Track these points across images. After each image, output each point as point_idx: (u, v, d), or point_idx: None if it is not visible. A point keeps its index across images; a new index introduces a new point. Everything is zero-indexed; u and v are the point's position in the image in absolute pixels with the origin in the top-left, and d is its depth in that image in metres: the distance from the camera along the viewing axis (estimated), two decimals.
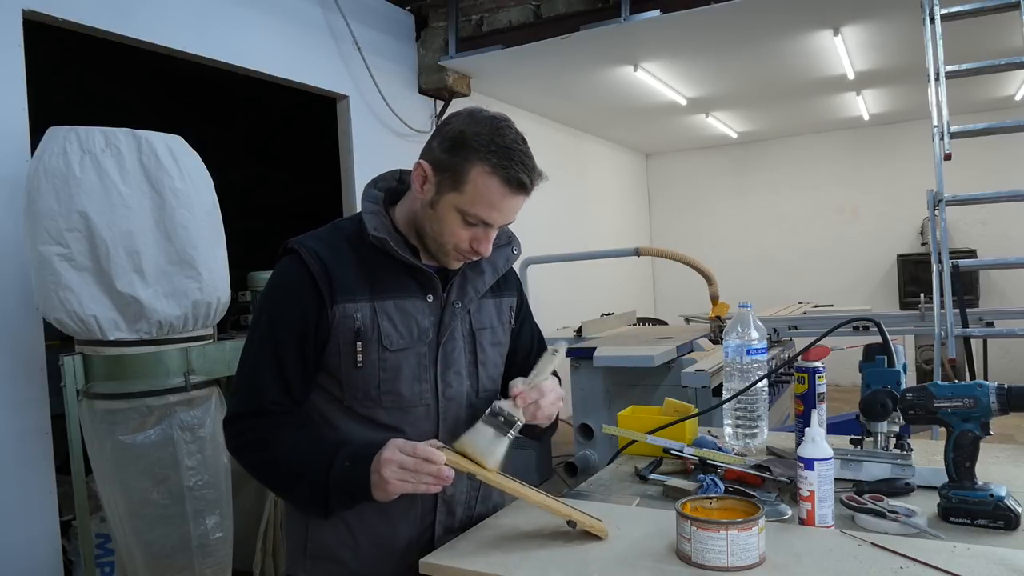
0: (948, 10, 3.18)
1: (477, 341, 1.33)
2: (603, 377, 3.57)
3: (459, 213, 1.20)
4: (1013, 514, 1.19)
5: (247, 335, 1.29)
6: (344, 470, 1.16)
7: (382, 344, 1.23)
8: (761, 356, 1.68)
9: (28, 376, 2.56)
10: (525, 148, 1.20)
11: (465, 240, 1.23)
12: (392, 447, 1.13)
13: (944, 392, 1.26)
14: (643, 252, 4.26)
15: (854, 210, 7.80)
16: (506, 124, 1.21)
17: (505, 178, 1.17)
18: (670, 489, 1.47)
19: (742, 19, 4.13)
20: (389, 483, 1.12)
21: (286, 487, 1.24)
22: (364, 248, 1.25)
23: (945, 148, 3.09)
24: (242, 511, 2.78)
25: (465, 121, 1.20)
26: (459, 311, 1.30)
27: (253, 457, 1.24)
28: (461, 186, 1.18)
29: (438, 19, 4.65)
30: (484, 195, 1.18)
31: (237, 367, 1.29)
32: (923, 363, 5.75)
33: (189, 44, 3.23)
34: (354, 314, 1.22)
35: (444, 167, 1.19)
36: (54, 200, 2.17)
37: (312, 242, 1.26)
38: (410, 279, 1.27)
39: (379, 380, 1.23)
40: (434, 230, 1.24)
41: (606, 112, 6.44)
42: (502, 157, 1.16)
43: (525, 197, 1.21)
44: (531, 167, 1.19)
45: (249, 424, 1.23)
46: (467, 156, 1.17)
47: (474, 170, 1.17)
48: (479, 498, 1.37)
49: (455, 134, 1.19)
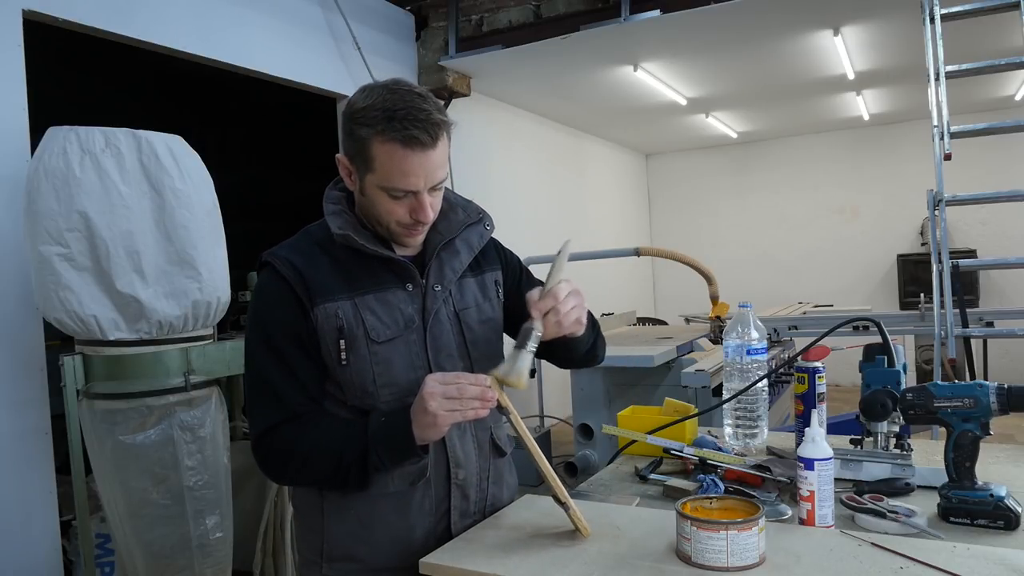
0: (948, 10, 3.18)
1: (463, 321, 1.33)
2: (603, 377, 3.57)
3: (382, 191, 1.20)
4: (1013, 514, 1.19)
5: (246, 355, 1.28)
6: (381, 425, 1.17)
7: (370, 338, 1.23)
8: (761, 356, 1.68)
9: (28, 376, 2.56)
10: (420, 103, 1.17)
11: (404, 214, 1.22)
12: (432, 380, 1.13)
13: (944, 392, 1.26)
14: (643, 252, 4.27)
15: (854, 210, 7.81)
16: (396, 85, 1.19)
17: (402, 140, 1.14)
18: (670, 489, 1.47)
19: (742, 19, 4.13)
20: (438, 416, 1.11)
21: (331, 471, 1.20)
22: (335, 249, 1.25)
23: (945, 148, 3.09)
24: (242, 511, 2.78)
25: (359, 98, 1.20)
26: (440, 294, 1.30)
27: (293, 460, 1.21)
28: (370, 163, 1.18)
29: (438, 19, 4.65)
30: (391, 164, 1.17)
31: (248, 388, 1.28)
32: (923, 363, 5.75)
33: (189, 44, 3.23)
34: (336, 313, 1.22)
35: (353, 152, 1.20)
36: (54, 200, 2.17)
37: (283, 251, 1.27)
38: (386, 271, 1.27)
39: (374, 374, 1.23)
40: (373, 214, 1.24)
41: (606, 112, 6.44)
42: (394, 121, 1.14)
43: (434, 152, 1.18)
44: (426, 120, 1.15)
45: (281, 432, 1.22)
46: (364, 134, 1.17)
47: (374, 144, 1.16)
48: (491, 479, 1.36)
49: (349, 117, 1.19)
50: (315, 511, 1.29)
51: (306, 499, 1.32)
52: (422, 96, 1.19)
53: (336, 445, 1.19)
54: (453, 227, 1.34)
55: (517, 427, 1.19)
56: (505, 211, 4.39)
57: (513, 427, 1.21)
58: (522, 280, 1.47)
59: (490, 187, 5.39)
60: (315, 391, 1.25)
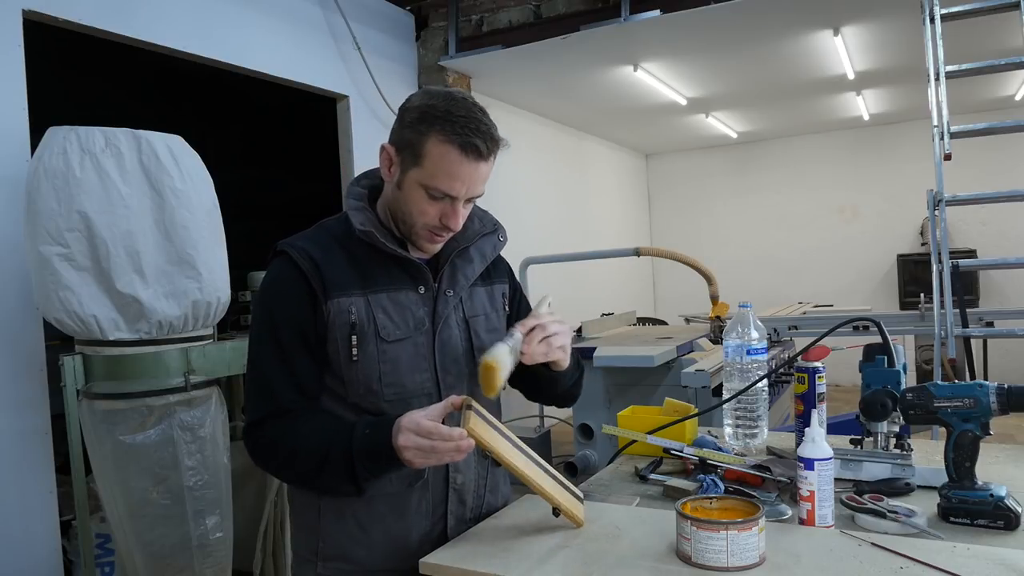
0: (948, 10, 3.18)
1: (472, 328, 1.34)
2: (603, 377, 3.57)
3: (422, 188, 1.21)
4: (1013, 514, 1.19)
5: (249, 342, 1.29)
6: (365, 437, 1.16)
7: (379, 336, 1.24)
8: (761, 356, 1.68)
9: (28, 376, 2.56)
10: (481, 116, 1.20)
11: (434, 216, 1.23)
12: (407, 431, 1.12)
13: (944, 392, 1.26)
14: (643, 252, 4.26)
15: (854, 210, 7.81)
16: (461, 95, 1.22)
17: (460, 144, 1.17)
18: (670, 489, 1.47)
19: (742, 19, 4.12)
20: (413, 462, 1.13)
21: (314, 472, 1.21)
22: (352, 244, 1.26)
23: (945, 148, 3.09)
24: (242, 511, 2.78)
25: (420, 97, 1.23)
26: (451, 299, 1.32)
27: (277, 456, 1.23)
28: (420, 159, 1.19)
29: (438, 19, 4.65)
30: (442, 165, 1.18)
31: (246, 376, 1.29)
32: (923, 363, 5.75)
33: (189, 44, 3.23)
34: (348, 308, 1.22)
35: (404, 144, 1.21)
36: (54, 200, 2.17)
37: (301, 242, 1.27)
38: (401, 271, 1.28)
39: (380, 372, 1.24)
40: (403, 211, 1.25)
41: (606, 112, 6.44)
42: (456, 125, 1.17)
43: (484, 164, 1.21)
44: (487, 133, 1.19)
45: (268, 426, 1.23)
46: (423, 129, 1.18)
47: (430, 141, 1.18)
48: (487, 487, 1.37)
49: (411, 110, 1.21)
50: (312, 510, 1.30)
51: (304, 498, 1.32)
52: (483, 110, 1.22)
53: (322, 446, 1.19)
54: (468, 235, 1.35)
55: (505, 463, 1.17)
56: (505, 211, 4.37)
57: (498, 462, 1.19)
58: (520, 306, 1.49)
59: (490, 187, 5.34)
60: (311, 389, 1.26)
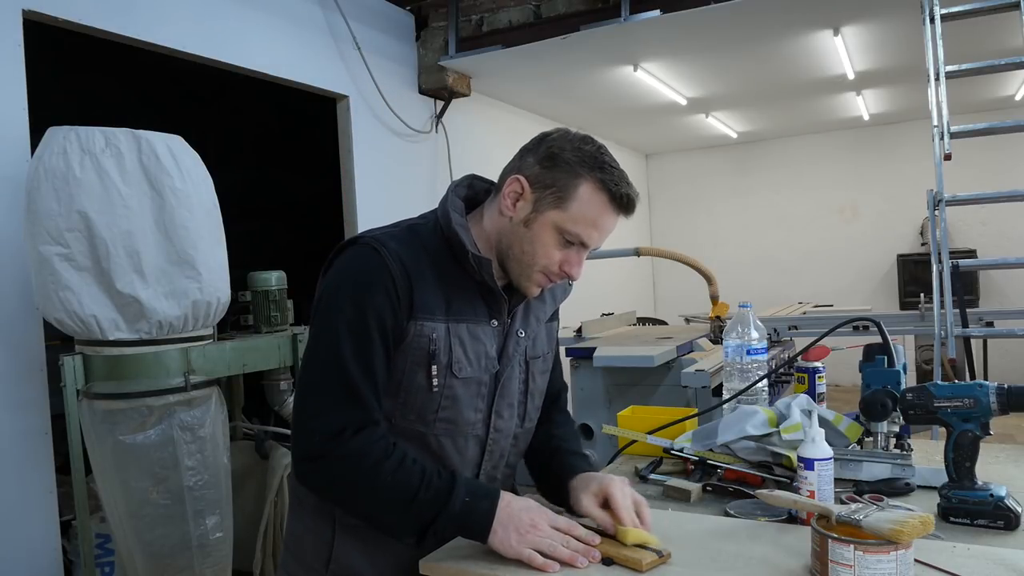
0: (948, 10, 3.18)
1: (530, 371, 1.29)
2: (603, 377, 3.56)
3: (557, 231, 1.15)
4: (1013, 514, 1.19)
5: (313, 336, 1.16)
6: (465, 505, 1.09)
7: (451, 370, 1.18)
8: (761, 356, 1.68)
9: (28, 376, 2.55)
10: (624, 171, 1.18)
11: (556, 262, 1.17)
12: (541, 520, 1.08)
13: (944, 392, 1.26)
14: (643, 252, 4.26)
15: (854, 210, 7.81)
16: (600, 143, 1.19)
17: (613, 195, 1.14)
18: (670, 489, 1.47)
19: (742, 19, 4.12)
20: (521, 554, 1.06)
21: (382, 512, 1.12)
22: (441, 259, 1.18)
23: (945, 148, 3.09)
24: (242, 511, 2.78)
25: (566, 139, 1.17)
26: (522, 340, 1.27)
27: (366, 474, 1.10)
28: (565, 203, 1.14)
29: (438, 19, 4.64)
30: (588, 212, 1.14)
31: (311, 372, 1.15)
32: (923, 363, 5.75)
33: (189, 44, 3.23)
34: (431, 334, 1.15)
35: (546, 183, 1.15)
36: (54, 200, 2.17)
37: (393, 243, 1.16)
38: (481, 301, 1.21)
39: (439, 406, 1.19)
40: (525, 250, 1.17)
41: (606, 112, 6.44)
42: (613, 174, 1.14)
43: (623, 219, 1.18)
44: (634, 189, 1.17)
45: (364, 437, 1.11)
46: (575, 172, 1.14)
47: (582, 186, 1.14)
48: None
49: (557, 150, 1.15)
50: (327, 522, 1.24)
51: (319, 508, 1.26)
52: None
53: (408, 494, 1.09)
54: None
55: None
56: None
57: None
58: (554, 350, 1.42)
59: None
60: (382, 398, 1.16)
